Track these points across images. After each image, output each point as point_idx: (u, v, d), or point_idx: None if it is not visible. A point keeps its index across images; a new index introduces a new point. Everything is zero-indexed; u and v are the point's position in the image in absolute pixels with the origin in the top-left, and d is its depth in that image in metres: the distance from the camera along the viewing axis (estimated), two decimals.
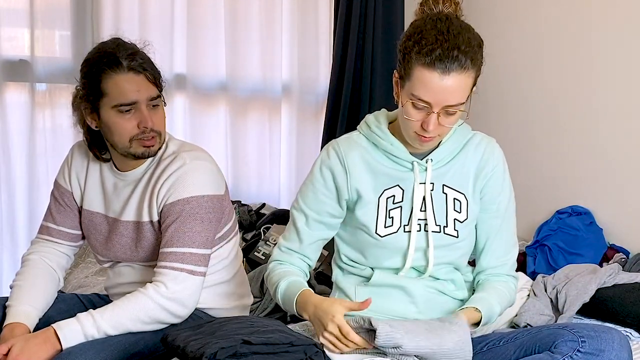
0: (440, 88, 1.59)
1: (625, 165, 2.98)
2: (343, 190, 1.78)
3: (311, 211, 1.82)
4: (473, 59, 1.61)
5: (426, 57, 1.58)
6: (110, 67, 1.80)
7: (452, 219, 1.77)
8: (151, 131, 1.83)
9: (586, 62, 3.11)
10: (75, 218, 2.03)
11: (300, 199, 1.84)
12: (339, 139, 1.83)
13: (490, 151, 1.80)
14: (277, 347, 1.54)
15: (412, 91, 1.62)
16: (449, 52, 1.57)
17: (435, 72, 1.58)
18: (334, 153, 1.79)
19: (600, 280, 2.42)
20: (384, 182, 1.76)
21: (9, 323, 1.82)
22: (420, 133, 1.66)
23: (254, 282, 2.60)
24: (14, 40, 3.30)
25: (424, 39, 1.60)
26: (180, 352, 1.57)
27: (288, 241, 1.87)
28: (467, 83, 1.62)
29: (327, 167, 1.79)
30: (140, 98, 1.81)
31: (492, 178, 1.79)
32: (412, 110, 1.64)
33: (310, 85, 3.91)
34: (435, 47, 1.58)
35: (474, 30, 1.66)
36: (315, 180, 1.81)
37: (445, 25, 1.61)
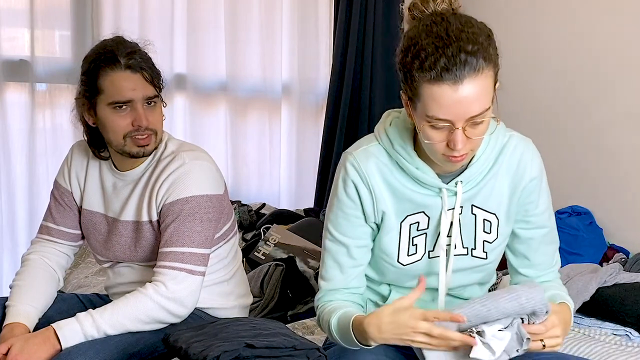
0: (456, 101, 1.37)
1: (626, 165, 2.98)
2: (370, 214, 1.59)
3: (350, 239, 1.61)
4: (485, 55, 1.39)
5: (430, 72, 1.36)
6: (107, 65, 1.80)
7: (481, 241, 1.61)
8: (146, 129, 1.83)
9: (586, 61, 3.11)
10: (75, 218, 2.03)
11: (333, 229, 1.62)
12: (355, 151, 1.59)
13: (528, 158, 1.59)
14: (279, 350, 1.54)
15: (426, 112, 1.40)
16: (455, 58, 1.36)
17: (445, 84, 1.36)
18: (354, 172, 1.57)
19: (601, 280, 2.43)
20: (407, 207, 1.57)
21: (8, 323, 1.82)
22: (448, 154, 1.44)
23: (254, 282, 2.60)
24: (14, 40, 3.31)
25: (422, 50, 1.37)
26: (183, 354, 1.57)
27: (330, 281, 1.64)
28: (487, 84, 1.40)
29: (352, 187, 1.57)
30: (136, 97, 1.81)
31: (530, 190, 1.60)
32: (432, 132, 1.42)
33: (310, 85, 3.91)
34: (438, 57, 1.36)
35: (477, 21, 1.45)
36: (343, 205, 1.59)
37: (442, 27, 1.39)
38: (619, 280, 2.45)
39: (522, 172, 1.58)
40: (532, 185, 1.59)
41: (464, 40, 1.37)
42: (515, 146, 1.59)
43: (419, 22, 1.44)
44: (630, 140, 2.95)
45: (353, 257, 1.62)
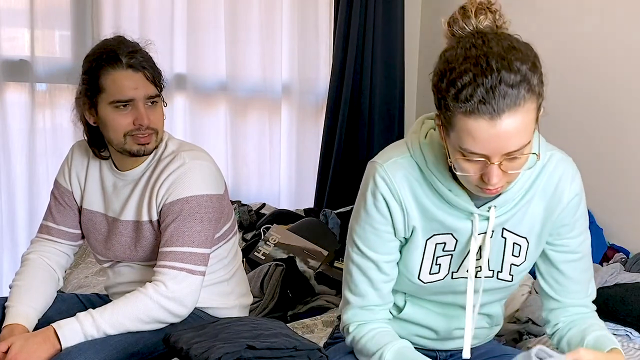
0: (493, 135, 1.26)
1: (626, 165, 2.97)
2: (400, 229, 1.51)
3: (380, 255, 1.53)
4: (528, 87, 1.27)
5: (466, 103, 1.25)
6: (109, 64, 1.80)
7: (508, 264, 1.54)
8: (147, 128, 1.83)
9: (585, 63, 3.11)
10: (75, 217, 2.03)
11: (362, 244, 1.53)
12: (385, 162, 1.49)
13: (568, 181, 1.51)
14: (281, 352, 1.54)
15: (460, 144, 1.30)
16: (494, 90, 1.24)
17: (482, 119, 1.25)
18: (384, 185, 1.47)
19: (602, 279, 2.42)
20: (435, 226, 1.49)
21: (8, 324, 1.82)
22: (482, 186, 1.36)
23: (254, 282, 2.60)
24: (14, 40, 3.31)
25: (459, 78, 1.26)
26: (184, 355, 1.57)
27: (362, 297, 1.56)
28: (528, 118, 1.29)
29: (382, 202, 1.48)
30: (138, 96, 1.81)
31: (565, 213, 1.52)
32: (466, 164, 1.33)
33: (310, 85, 3.91)
34: (475, 88, 1.24)
35: (523, 44, 1.33)
36: (372, 221, 1.50)
37: (482, 52, 1.27)
38: (620, 280, 2.45)
39: (559, 195, 1.50)
40: (568, 208, 1.52)
41: (505, 70, 1.26)
42: (555, 167, 1.50)
43: (458, 41, 1.32)
44: (630, 140, 2.95)
45: (384, 272, 1.54)
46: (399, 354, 1.49)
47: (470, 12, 1.34)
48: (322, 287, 2.78)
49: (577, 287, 1.61)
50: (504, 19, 1.35)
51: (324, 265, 2.90)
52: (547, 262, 1.60)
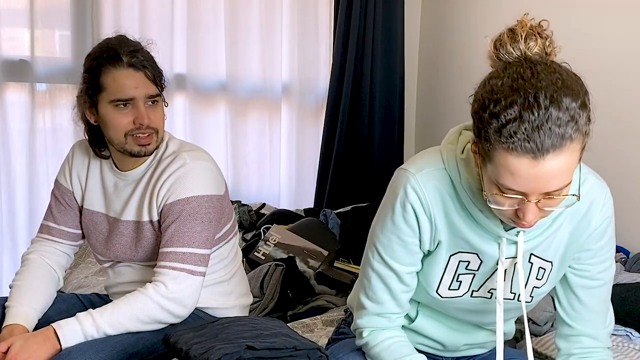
0: (535, 176, 1.21)
1: (625, 165, 2.97)
2: (426, 243, 1.47)
3: (403, 266, 1.49)
4: (576, 126, 1.22)
5: (509, 140, 1.19)
6: (110, 62, 1.80)
7: (530, 287, 1.51)
8: (147, 128, 1.83)
9: (585, 60, 3.11)
10: (75, 217, 2.03)
11: (385, 254, 1.49)
12: (418, 172, 1.42)
13: (599, 206, 1.46)
14: (280, 352, 1.54)
15: (498, 179, 1.25)
16: (541, 129, 1.18)
17: (525, 157, 1.19)
18: (415, 197, 1.41)
19: None
20: (460, 244, 1.45)
21: (8, 324, 1.82)
22: (516, 220, 1.31)
23: (254, 282, 2.60)
24: (14, 40, 3.31)
25: (504, 111, 1.19)
26: (184, 356, 1.57)
27: (379, 304, 1.53)
28: (572, 159, 1.23)
29: (411, 214, 1.43)
30: (138, 95, 1.81)
31: (592, 238, 1.48)
32: (502, 199, 1.28)
33: (310, 85, 3.91)
34: (520, 124, 1.18)
35: (573, 76, 1.27)
36: (399, 232, 1.45)
37: (530, 84, 1.20)
38: (620, 281, 2.45)
39: (589, 219, 1.46)
40: (595, 234, 1.47)
41: (554, 107, 1.19)
42: (587, 192, 1.45)
43: (505, 68, 1.25)
44: (631, 140, 2.95)
45: (404, 282, 1.51)
46: None
47: (519, 37, 1.26)
48: (322, 287, 2.78)
49: (593, 315, 1.55)
50: (554, 45, 1.29)
51: (324, 265, 2.90)
52: (566, 285, 1.55)
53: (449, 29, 3.96)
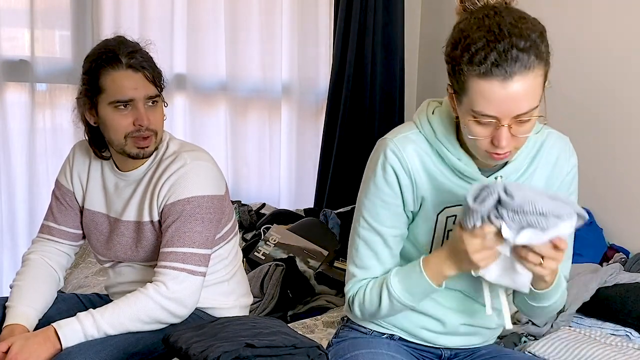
0: (505, 97, 1.35)
1: (626, 165, 2.98)
2: (409, 201, 1.55)
3: (387, 228, 1.57)
4: (537, 53, 1.36)
5: (480, 66, 1.34)
6: (109, 64, 1.80)
7: None
8: (147, 130, 1.83)
9: (585, 61, 3.11)
10: (76, 217, 2.03)
11: (370, 218, 1.57)
12: (395, 137, 1.55)
13: (567, 156, 1.60)
14: (280, 349, 1.54)
15: (473, 107, 1.38)
16: (507, 54, 1.33)
17: (495, 80, 1.34)
18: (394, 158, 1.52)
19: (601, 280, 2.43)
20: (445, 198, 1.54)
21: (8, 324, 1.82)
22: (491, 151, 1.42)
23: (254, 282, 2.60)
24: (14, 40, 3.31)
25: (473, 44, 1.35)
26: (183, 354, 1.57)
27: (366, 269, 1.61)
28: (536, 83, 1.37)
29: (392, 174, 1.53)
30: (138, 96, 1.81)
31: (564, 185, 1.60)
32: (477, 127, 1.40)
33: (310, 85, 3.91)
34: (489, 52, 1.33)
35: (531, 17, 1.41)
36: (381, 194, 1.54)
37: (494, 21, 1.36)
38: (619, 281, 2.45)
39: (560, 167, 1.59)
40: (567, 180, 1.60)
41: (516, 36, 1.34)
42: (553, 143, 1.59)
43: (471, 14, 1.41)
44: (631, 140, 2.95)
45: (389, 246, 1.59)
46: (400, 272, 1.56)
47: None
48: (322, 287, 2.78)
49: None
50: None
51: (324, 265, 2.90)
52: None
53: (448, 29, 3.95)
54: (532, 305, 1.61)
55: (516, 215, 1.38)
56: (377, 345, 1.66)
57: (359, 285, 1.62)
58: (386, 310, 1.59)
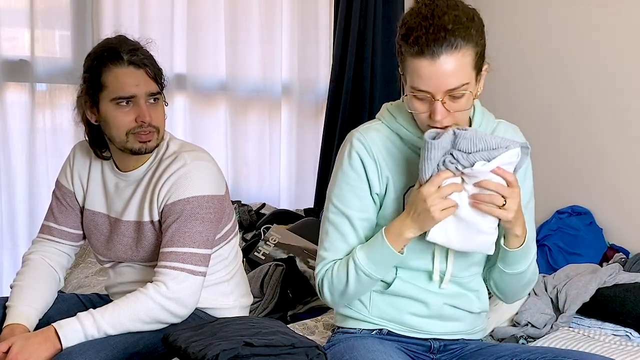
0: (434, 74, 1.52)
1: (625, 165, 2.98)
2: (375, 183, 1.67)
3: (354, 211, 1.68)
4: (465, 35, 1.51)
5: (414, 47, 1.52)
6: (111, 61, 1.81)
7: None
8: (149, 126, 1.83)
9: (586, 61, 3.11)
10: (76, 218, 2.03)
11: (337, 202, 1.69)
12: (360, 128, 1.72)
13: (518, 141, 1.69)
14: (278, 349, 1.55)
15: (411, 83, 1.56)
16: (435, 35, 1.50)
17: (425, 59, 1.51)
18: (358, 143, 1.68)
19: (601, 280, 2.43)
20: (409, 178, 1.67)
21: (8, 324, 1.82)
22: (432, 125, 1.57)
23: (254, 282, 2.60)
24: (14, 40, 3.31)
25: (409, 28, 1.53)
26: (182, 353, 1.57)
27: (335, 252, 1.70)
28: (465, 62, 1.53)
29: (356, 158, 1.67)
30: (139, 92, 1.81)
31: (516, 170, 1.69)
32: (416, 103, 1.57)
33: (310, 85, 3.91)
34: (421, 34, 1.51)
35: (465, 5, 1.58)
36: (348, 178, 1.68)
37: (429, 9, 1.53)
38: (619, 281, 2.45)
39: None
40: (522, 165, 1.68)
41: (445, 20, 1.50)
42: (505, 130, 1.74)
43: (414, 6, 1.58)
44: (631, 141, 2.95)
45: (356, 228, 1.68)
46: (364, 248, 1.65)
47: None
48: None
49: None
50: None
51: None
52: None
53: None
54: (506, 274, 1.69)
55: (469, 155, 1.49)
56: (371, 344, 1.68)
57: (328, 266, 1.70)
58: (353, 286, 1.66)
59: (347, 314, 1.78)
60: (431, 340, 1.75)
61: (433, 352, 1.76)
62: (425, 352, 1.76)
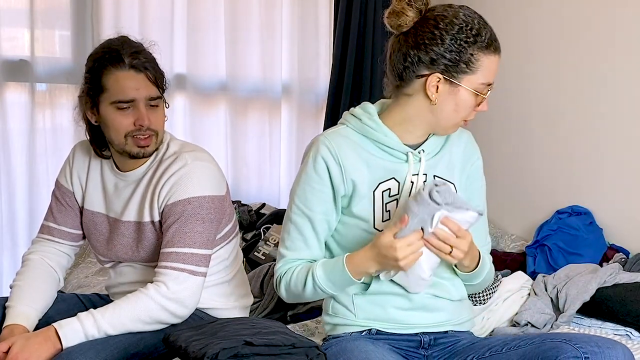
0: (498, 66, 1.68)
1: (625, 165, 2.98)
2: (339, 186, 1.71)
3: (315, 213, 1.73)
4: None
5: (489, 45, 1.64)
6: (112, 63, 1.80)
7: None
8: (147, 130, 1.83)
9: (585, 61, 3.11)
10: (76, 218, 2.03)
11: (299, 203, 1.75)
12: (326, 133, 1.76)
13: (472, 143, 1.85)
14: (278, 348, 1.55)
15: (486, 80, 1.66)
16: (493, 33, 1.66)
17: (497, 55, 1.66)
18: (324, 148, 1.71)
19: (601, 280, 2.42)
20: (378, 175, 1.72)
21: (8, 324, 1.82)
22: (468, 118, 1.72)
23: (254, 282, 2.60)
24: (14, 40, 3.31)
25: (474, 28, 1.63)
26: (182, 353, 1.58)
27: (295, 251, 1.75)
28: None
29: (320, 162, 1.71)
30: (139, 96, 1.81)
31: (473, 169, 1.83)
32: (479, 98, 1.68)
33: (310, 85, 3.91)
34: (488, 32, 1.64)
35: None
36: (311, 181, 1.73)
37: (470, 11, 1.67)
38: (619, 281, 2.45)
39: (469, 153, 1.83)
40: (476, 164, 1.83)
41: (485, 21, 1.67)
42: (460, 132, 1.82)
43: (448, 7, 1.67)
44: (631, 141, 2.95)
45: (316, 230, 1.74)
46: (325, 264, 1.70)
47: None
48: None
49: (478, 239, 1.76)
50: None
51: None
52: None
53: None
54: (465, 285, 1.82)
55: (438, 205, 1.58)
56: (363, 345, 1.69)
57: (288, 266, 1.75)
58: (310, 294, 1.72)
59: (335, 322, 1.80)
60: (420, 334, 1.76)
61: (424, 347, 1.77)
62: (416, 348, 1.76)
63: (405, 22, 1.72)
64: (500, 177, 3.49)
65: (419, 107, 1.72)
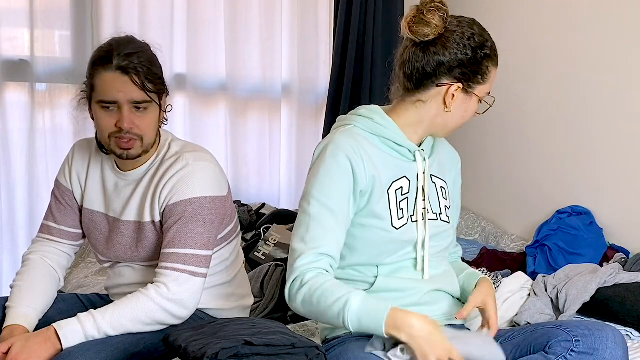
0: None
1: (625, 165, 2.98)
2: (361, 179, 1.68)
3: (337, 201, 1.67)
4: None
5: (496, 58, 1.75)
6: (101, 64, 1.80)
7: (443, 207, 1.83)
8: (128, 133, 1.81)
9: (585, 61, 3.11)
10: (76, 217, 2.03)
11: (319, 195, 1.67)
12: (337, 132, 1.75)
13: (452, 147, 1.95)
14: (278, 348, 1.55)
15: (488, 90, 1.77)
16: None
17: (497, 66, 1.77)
18: (344, 143, 1.69)
19: (601, 280, 2.43)
20: (392, 174, 1.75)
21: (8, 325, 1.82)
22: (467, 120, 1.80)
23: (254, 282, 2.60)
24: (14, 40, 3.30)
25: (490, 43, 1.74)
26: (182, 353, 1.58)
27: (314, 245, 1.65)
28: None
29: (342, 156, 1.68)
30: (121, 99, 1.79)
31: (456, 171, 1.94)
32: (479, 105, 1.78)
33: (310, 85, 3.91)
34: (494, 46, 1.75)
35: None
36: (330, 172, 1.67)
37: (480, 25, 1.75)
38: (619, 281, 2.45)
39: (452, 153, 1.94)
40: (457, 166, 1.95)
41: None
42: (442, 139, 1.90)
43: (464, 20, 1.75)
44: (631, 141, 2.95)
45: (338, 220, 1.66)
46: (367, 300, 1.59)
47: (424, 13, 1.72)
48: None
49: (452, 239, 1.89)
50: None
51: None
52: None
53: None
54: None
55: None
56: (364, 344, 1.67)
57: (315, 266, 1.63)
58: (326, 319, 1.63)
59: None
60: None
61: None
62: None
63: (433, 32, 1.71)
64: (501, 177, 3.50)
65: (431, 112, 1.76)
